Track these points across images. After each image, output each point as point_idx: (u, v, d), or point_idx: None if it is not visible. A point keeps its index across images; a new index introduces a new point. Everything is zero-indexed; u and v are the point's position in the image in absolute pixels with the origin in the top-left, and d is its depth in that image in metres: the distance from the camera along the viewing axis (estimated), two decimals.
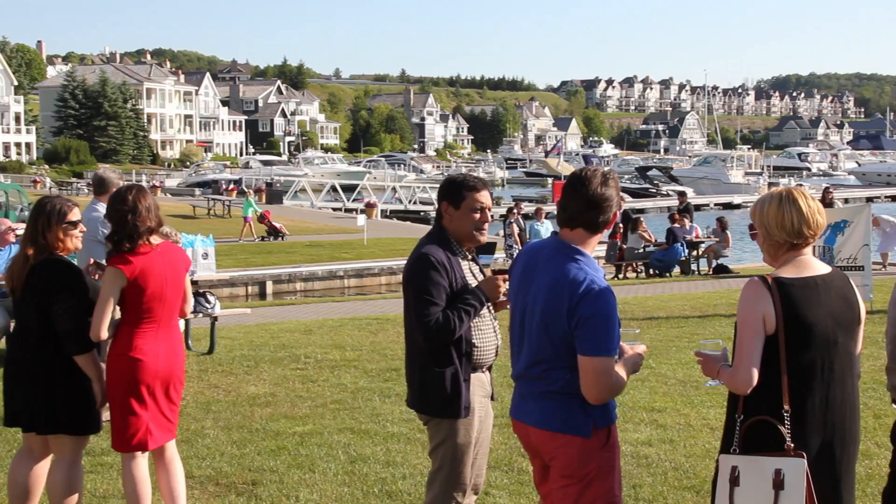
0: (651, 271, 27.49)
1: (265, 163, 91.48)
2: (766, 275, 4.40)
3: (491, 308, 5.53)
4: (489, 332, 5.51)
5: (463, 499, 5.50)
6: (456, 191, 5.46)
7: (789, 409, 4.26)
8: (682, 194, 39.73)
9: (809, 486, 4.18)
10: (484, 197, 5.46)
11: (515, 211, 29.58)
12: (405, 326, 5.55)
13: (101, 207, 9.02)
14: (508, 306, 4.94)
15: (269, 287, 26.63)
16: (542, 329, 4.46)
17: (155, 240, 6.19)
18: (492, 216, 5.61)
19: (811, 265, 4.45)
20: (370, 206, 48.32)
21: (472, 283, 5.45)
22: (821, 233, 4.52)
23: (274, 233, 37.09)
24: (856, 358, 4.47)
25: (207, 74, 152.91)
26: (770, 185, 65.78)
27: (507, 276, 5.23)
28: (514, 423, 4.73)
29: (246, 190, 45.56)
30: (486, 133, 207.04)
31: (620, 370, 4.43)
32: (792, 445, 4.22)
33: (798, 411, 4.26)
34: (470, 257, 5.59)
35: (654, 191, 68.93)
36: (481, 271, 5.65)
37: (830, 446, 4.32)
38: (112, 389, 6.11)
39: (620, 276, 27.66)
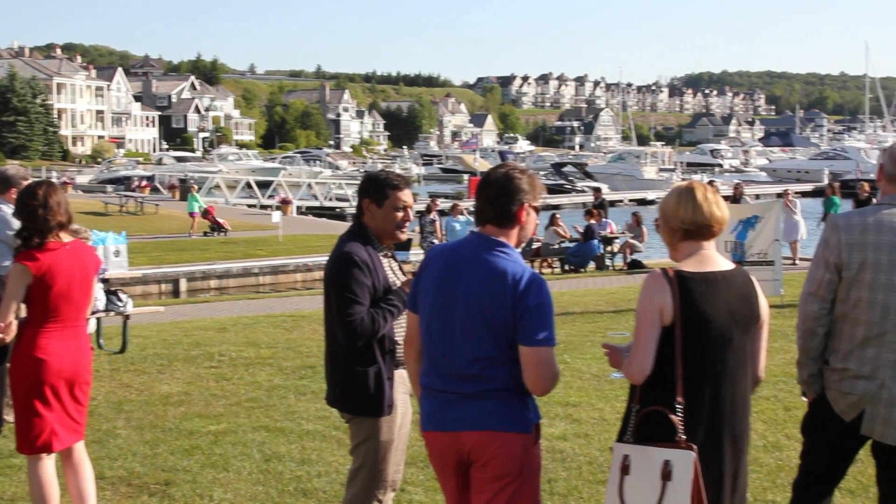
0: (566, 267, 27.67)
1: (179, 159, 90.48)
2: (668, 268, 4.44)
3: None
4: None
5: (384, 496, 5.48)
6: (379, 189, 5.45)
7: (682, 401, 4.30)
8: (597, 190, 40.13)
9: (697, 478, 4.22)
10: (407, 196, 5.47)
11: (432, 207, 29.59)
12: (326, 325, 5.49)
13: (5, 206, 8.82)
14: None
15: (183, 285, 26.35)
16: (482, 326, 4.38)
17: (65, 237, 6.08)
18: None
19: (713, 261, 4.50)
20: (285, 203, 48.01)
21: (394, 280, 5.43)
22: (719, 227, 4.57)
23: (217, 228, 36.85)
24: (752, 356, 4.52)
25: (119, 69, 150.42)
26: (683, 181, 66.50)
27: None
28: (435, 436, 4.56)
29: (191, 185, 44.97)
30: (403, 129, 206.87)
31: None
32: (684, 437, 4.26)
33: (690, 404, 4.31)
34: (389, 254, 5.57)
35: (570, 187, 69.34)
36: (401, 268, 5.63)
37: (719, 440, 4.38)
38: (16, 390, 5.99)
39: (536, 271, 27.77)
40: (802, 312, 5.00)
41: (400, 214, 5.45)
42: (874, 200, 5.68)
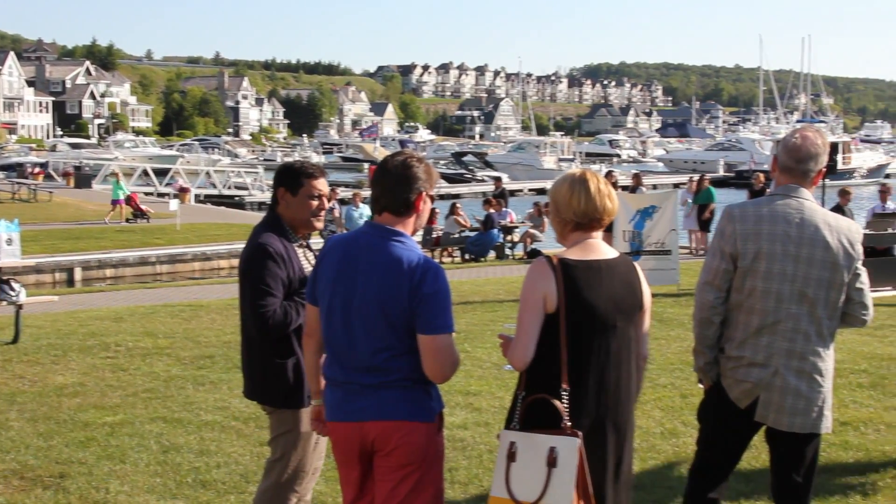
0: (466, 256, 27.76)
1: (73, 146, 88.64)
2: (553, 255, 4.48)
3: None
4: None
5: (301, 486, 5.47)
6: (294, 178, 5.43)
7: (567, 387, 4.34)
8: (497, 179, 40.29)
9: (582, 464, 4.26)
10: (321, 184, 5.46)
11: (333, 196, 29.47)
12: (241, 317, 5.44)
13: None
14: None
15: (78, 274, 25.87)
16: (381, 316, 4.37)
17: None
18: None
19: (598, 249, 4.55)
20: (183, 191, 47.32)
21: (308, 270, 5.39)
22: (609, 219, 4.61)
23: (140, 215, 36.20)
24: (636, 342, 4.58)
25: (11, 53, 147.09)
26: (574, 169, 67.05)
27: None
28: (339, 426, 4.55)
29: (116, 172, 44.04)
30: (303, 117, 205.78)
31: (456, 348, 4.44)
32: (569, 424, 4.29)
33: (575, 391, 4.36)
34: (304, 244, 5.54)
35: (470, 176, 69.63)
36: (315, 258, 5.59)
37: (604, 427, 4.42)
38: None
39: (436, 261, 27.82)
40: (698, 302, 5.08)
41: (315, 203, 5.43)
42: (768, 191, 5.78)
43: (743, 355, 4.98)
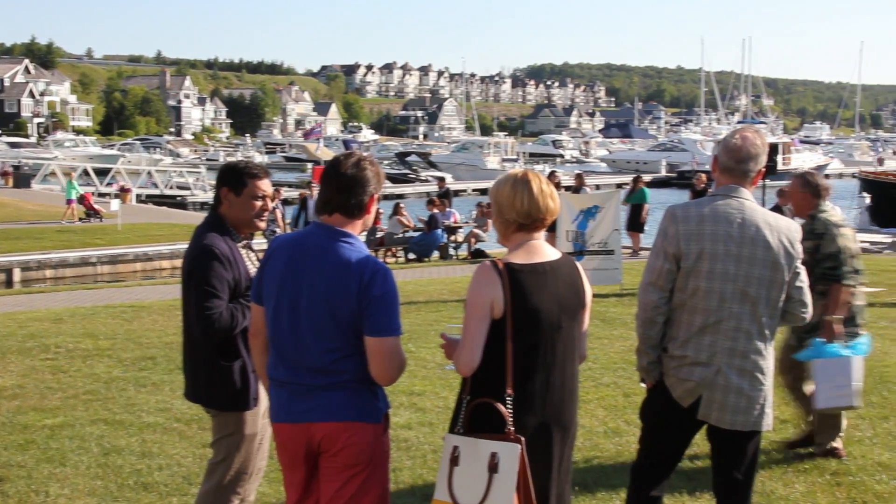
0: (410, 256, 27.75)
1: (12, 145, 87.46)
2: (497, 259, 4.48)
3: None
4: None
5: (243, 488, 5.44)
6: (237, 178, 5.39)
7: (512, 392, 4.34)
8: (441, 180, 40.33)
9: (524, 469, 4.26)
10: (265, 185, 5.43)
11: (276, 196, 29.33)
12: (184, 318, 5.40)
13: None
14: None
15: (17, 275, 25.58)
16: (328, 318, 4.36)
17: None
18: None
19: (541, 251, 4.55)
20: (124, 191, 46.82)
21: (252, 271, 5.35)
22: (551, 219, 4.63)
23: (93, 214, 35.80)
24: (578, 341, 4.61)
25: None
26: (516, 169, 67.27)
27: None
28: (285, 427, 4.52)
29: (70, 172, 43.41)
30: (245, 117, 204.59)
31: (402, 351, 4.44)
32: (512, 429, 4.30)
33: (520, 394, 4.36)
34: (247, 244, 5.50)
35: (414, 176, 69.65)
36: (258, 258, 5.55)
37: (549, 430, 4.44)
38: None
39: (381, 261, 27.78)
40: (642, 302, 5.11)
41: (258, 203, 5.40)
42: (710, 191, 5.82)
43: (686, 354, 5.02)
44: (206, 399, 5.44)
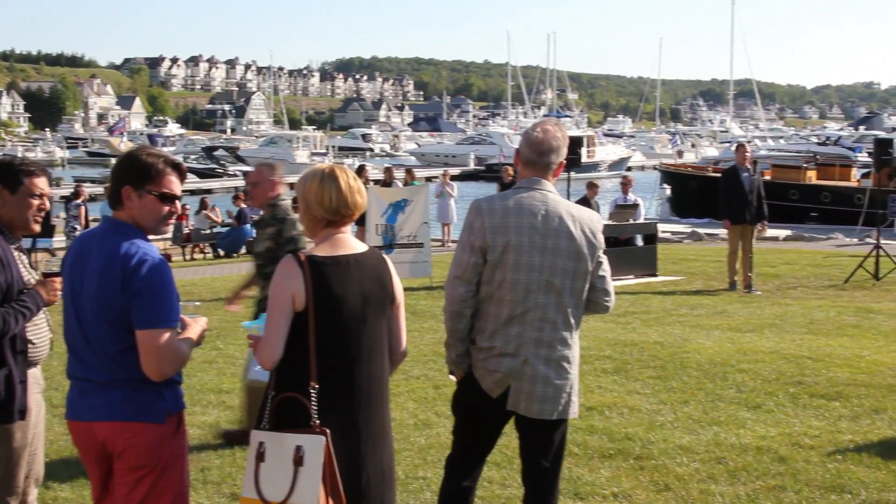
0: (219, 252, 27.39)
1: None
2: (300, 252, 4.47)
3: None
4: (43, 328, 5.25)
5: (15, 501, 5.20)
6: (13, 175, 5.12)
7: (317, 385, 4.33)
8: (247, 174, 39.90)
9: (331, 462, 4.26)
10: (43, 183, 5.19)
11: (80, 192, 28.52)
12: None
13: None
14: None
15: None
16: (99, 313, 4.26)
17: None
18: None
19: (347, 244, 4.55)
20: None
21: (29, 279, 5.13)
22: (359, 214, 4.64)
23: None
24: (390, 336, 4.62)
25: None
26: (322, 164, 67.22)
27: (61, 278, 4.88)
28: (74, 425, 4.43)
29: None
30: (45, 111, 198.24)
31: (183, 344, 4.34)
32: (317, 422, 4.29)
33: (325, 388, 4.35)
34: (19, 247, 5.25)
35: (221, 171, 68.76)
36: (30, 263, 5.33)
37: (356, 422, 4.44)
38: None
39: (188, 257, 27.36)
40: (449, 295, 5.12)
41: (35, 202, 5.14)
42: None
43: (494, 346, 5.06)
44: None
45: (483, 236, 5.03)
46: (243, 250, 27.43)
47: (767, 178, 31.22)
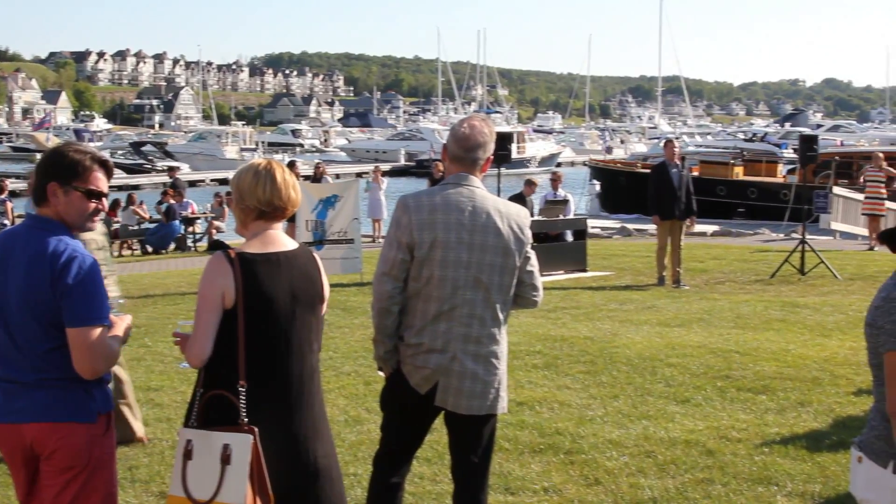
0: (147, 248, 27.13)
1: None
2: (230, 249, 4.46)
3: None
4: None
5: None
6: None
7: (245, 383, 4.32)
8: (171, 169, 39.45)
9: (258, 459, 4.25)
10: None
11: (4, 187, 28.08)
12: None
13: None
14: None
15: None
16: (27, 312, 4.19)
17: None
18: None
19: (278, 241, 4.55)
20: None
21: None
22: (292, 209, 4.65)
23: None
24: (317, 332, 4.62)
25: None
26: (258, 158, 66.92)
27: None
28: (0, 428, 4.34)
29: None
30: None
31: (113, 341, 4.28)
32: (246, 420, 4.27)
33: (255, 386, 4.35)
34: None
35: (150, 167, 68.10)
36: None
37: (287, 420, 4.44)
38: None
39: (116, 254, 27.07)
40: (377, 292, 5.10)
41: None
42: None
43: (422, 342, 5.05)
44: None
45: (410, 233, 5.02)
46: (172, 246, 27.21)
47: (695, 174, 31.53)
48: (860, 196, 25.65)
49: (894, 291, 3.75)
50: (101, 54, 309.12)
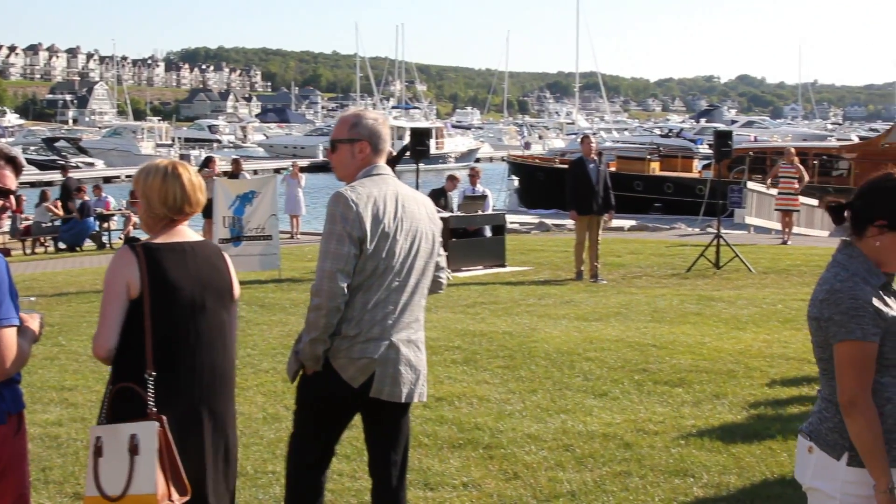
0: (61, 245, 26.73)
1: None
2: (137, 242, 4.44)
3: None
4: None
5: None
6: None
7: (154, 373, 4.29)
8: (63, 169, 38.69)
9: (169, 448, 4.22)
10: None
11: None
12: None
13: None
14: None
15: None
16: None
17: None
18: None
19: (182, 233, 4.55)
20: None
21: None
22: (198, 209, 4.63)
23: None
24: (230, 327, 4.61)
25: None
26: (182, 156, 66.34)
27: None
28: None
29: None
30: None
31: (24, 341, 4.19)
32: (154, 410, 4.24)
33: (163, 376, 4.32)
34: None
35: (63, 163, 67.03)
36: None
37: (198, 411, 4.42)
38: None
39: (28, 251, 26.63)
40: (329, 291, 4.91)
41: None
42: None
43: (359, 332, 5.00)
44: None
45: (360, 226, 4.94)
46: (87, 243, 26.83)
47: (613, 169, 31.80)
48: (773, 191, 26.03)
49: (836, 283, 3.80)
50: (12, 48, 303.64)
